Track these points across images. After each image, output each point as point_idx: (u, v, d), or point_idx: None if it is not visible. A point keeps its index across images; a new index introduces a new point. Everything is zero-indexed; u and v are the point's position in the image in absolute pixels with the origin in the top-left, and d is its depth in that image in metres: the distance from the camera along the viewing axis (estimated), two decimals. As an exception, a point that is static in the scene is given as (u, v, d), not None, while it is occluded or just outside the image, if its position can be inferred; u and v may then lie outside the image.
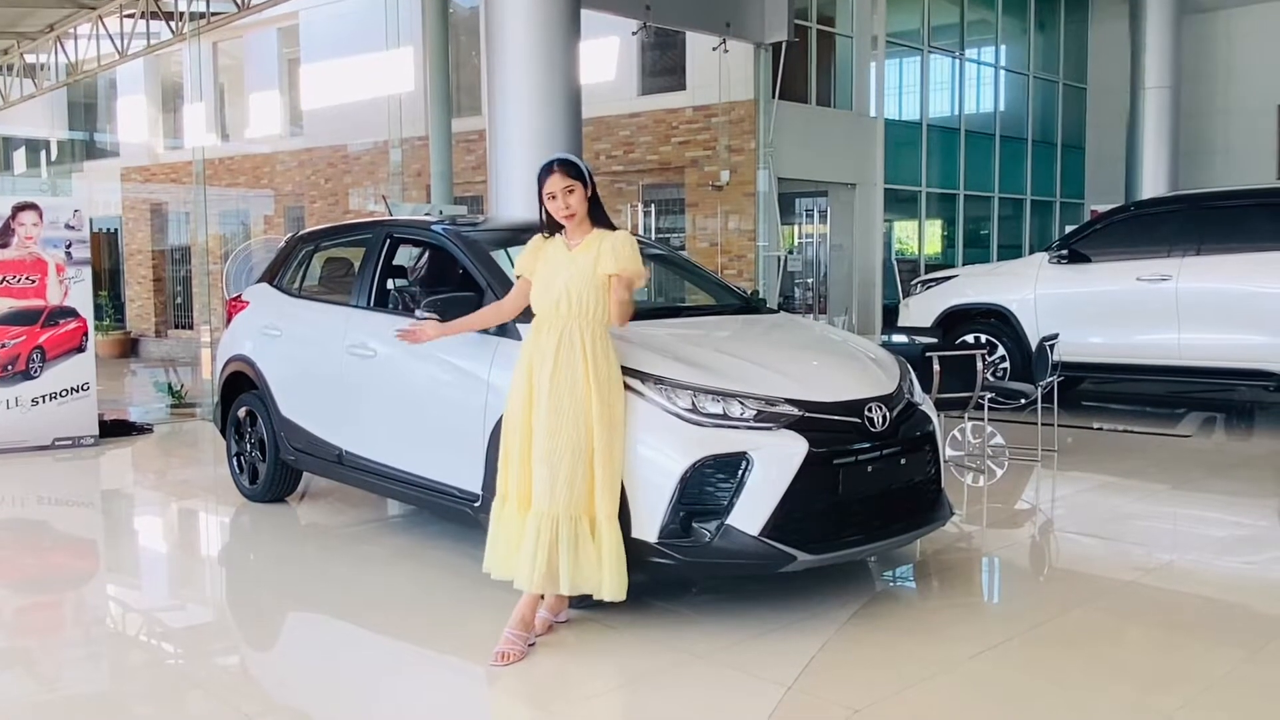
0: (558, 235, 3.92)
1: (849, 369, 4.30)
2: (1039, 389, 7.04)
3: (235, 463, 6.11)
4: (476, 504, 4.45)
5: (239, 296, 6.25)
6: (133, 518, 6.52)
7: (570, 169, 3.82)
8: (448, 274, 5.49)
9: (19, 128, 25.02)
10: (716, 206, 14.50)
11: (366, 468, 5.08)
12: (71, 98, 24.41)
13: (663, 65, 15.38)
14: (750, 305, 5.21)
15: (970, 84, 18.39)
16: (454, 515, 4.68)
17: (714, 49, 13.58)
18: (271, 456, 5.75)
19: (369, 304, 5.20)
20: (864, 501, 3.99)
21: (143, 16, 16.88)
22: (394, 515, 5.86)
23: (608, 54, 15.13)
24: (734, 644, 3.76)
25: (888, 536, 4.08)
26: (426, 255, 5.45)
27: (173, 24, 16.66)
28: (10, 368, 7.64)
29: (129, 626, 4.50)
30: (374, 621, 4.19)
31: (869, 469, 3.95)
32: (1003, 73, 18.92)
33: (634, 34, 14.10)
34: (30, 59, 20.85)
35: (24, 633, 4.36)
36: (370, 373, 5.01)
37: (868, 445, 3.97)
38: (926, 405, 4.43)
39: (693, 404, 3.82)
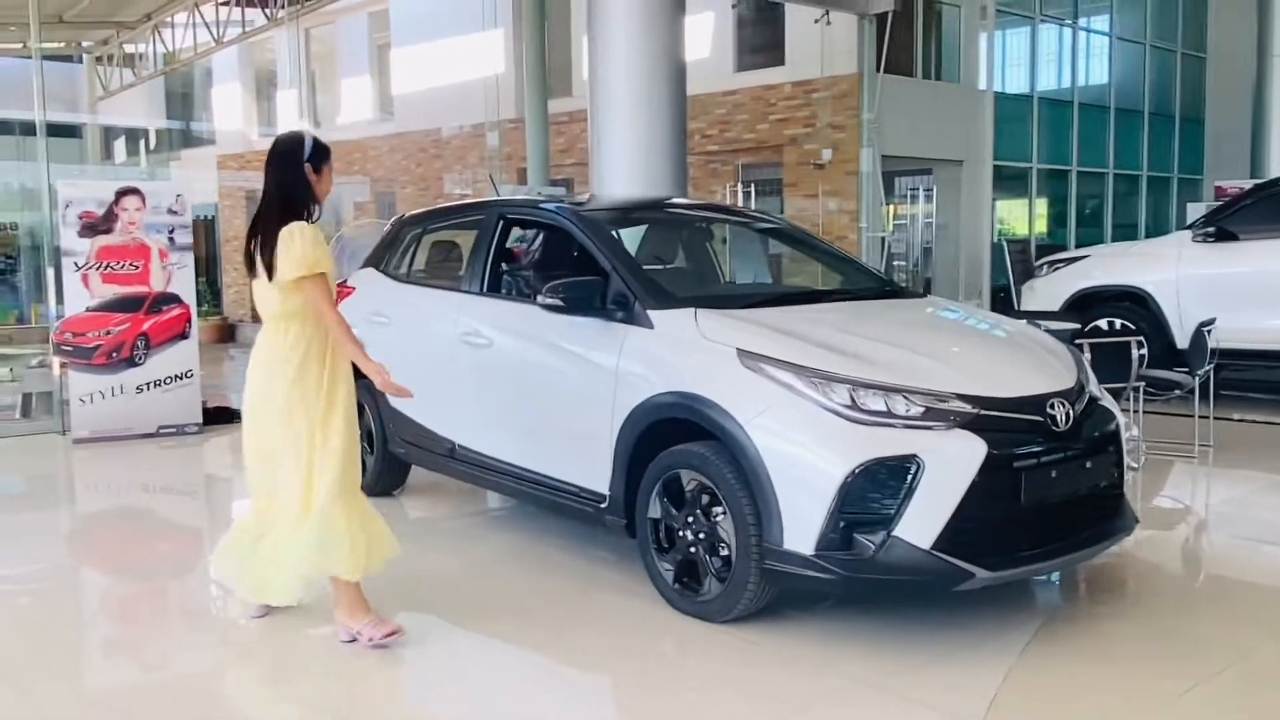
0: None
1: (1023, 360, 3.84)
2: (1196, 378, 6.45)
3: (341, 455, 5.87)
4: (603, 505, 4.11)
5: (344, 282, 6.00)
6: (237, 507, 6.35)
7: None
8: (563, 257, 5.15)
9: (119, 117, 25.52)
10: (817, 186, 13.95)
11: (481, 463, 4.78)
12: (169, 87, 24.80)
13: (760, 40, 14.85)
14: (893, 288, 4.77)
15: (1083, 54, 17.46)
16: (576, 515, 4.34)
17: (816, 21, 13.03)
18: (379, 449, 5.50)
19: (482, 289, 4.88)
20: (1046, 510, 3.54)
21: (237, 4, 16.96)
22: (495, 509, 5.59)
23: (703, 30, 14.67)
24: (901, 669, 3.35)
25: (1073, 550, 3.62)
26: (541, 237, 5.12)
27: (267, 10, 16.68)
28: (115, 355, 7.56)
29: (234, 616, 4.26)
30: (496, 629, 3.88)
31: (1053, 473, 3.50)
32: (1117, 42, 17.92)
33: (734, 7, 13.61)
34: (129, 49, 21.21)
35: (130, 621, 4.25)
36: (485, 363, 4.70)
37: (1051, 446, 3.51)
38: (1106, 400, 3.95)
39: (851, 399, 3.41)
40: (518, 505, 5.47)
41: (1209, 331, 6.59)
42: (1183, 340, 8.23)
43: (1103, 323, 8.74)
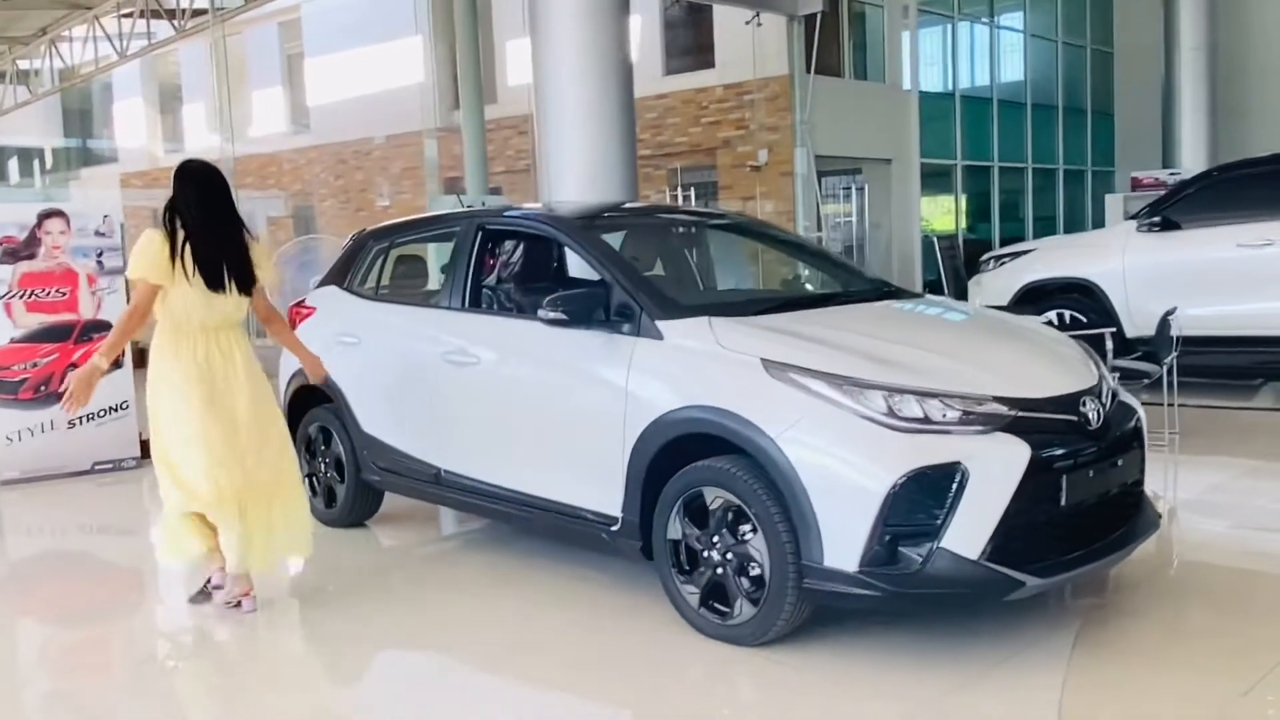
0: None
1: (1045, 358, 3.76)
2: (1163, 366, 6.51)
3: (308, 484, 5.53)
4: (615, 528, 3.91)
5: (302, 302, 5.67)
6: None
7: None
8: (543, 267, 4.95)
9: (12, 137, 24.33)
10: (752, 188, 13.93)
11: (471, 488, 4.53)
12: (66, 104, 23.75)
13: (688, 43, 14.78)
14: (890, 289, 4.66)
15: (999, 52, 17.81)
16: (583, 540, 4.12)
17: (747, 23, 13.00)
18: (352, 477, 5.19)
19: (464, 304, 4.62)
20: (1084, 512, 3.45)
21: (141, 15, 16.25)
22: (469, 531, 5.36)
23: (630, 33, 14.51)
24: (955, 687, 3.22)
25: (1111, 551, 3.53)
26: (521, 248, 4.89)
27: (175, 21, 16.01)
28: (43, 388, 7.06)
29: (189, 664, 4.00)
30: (501, 664, 3.65)
31: (1090, 473, 3.42)
32: (1030, 39, 18.32)
33: (668, 8, 13.52)
34: (24, 65, 20.21)
35: (71, 673, 3.93)
36: (473, 382, 4.45)
37: (1085, 446, 3.43)
38: (1125, 395, 3.89)
39: (888, 407, 3.28)
40: (491, 526, 5.24)
41: (1172, 319, 6.66)
42: (1131, 330, 8.34)
43: (1052, 315, 8.82)
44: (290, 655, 4.11)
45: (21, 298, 6.99)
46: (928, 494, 3.18)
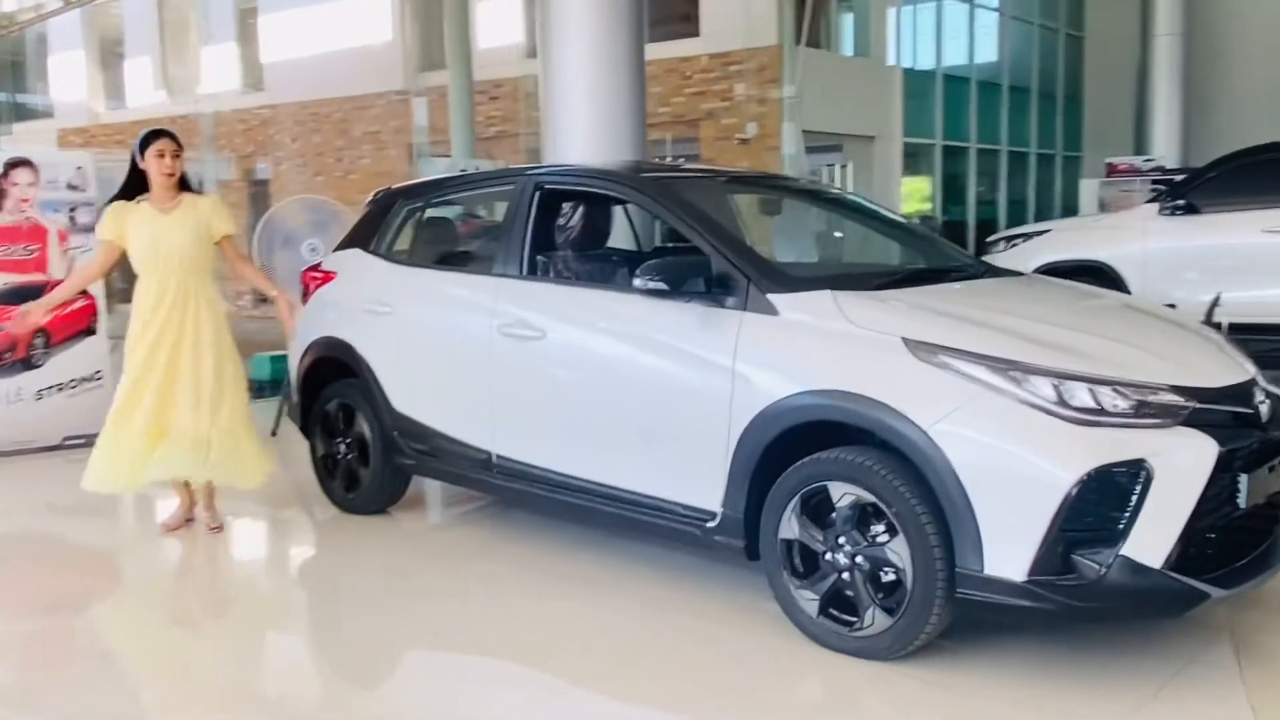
0: (141, 201, 4.46)
1: (1203, 345, 3.42)
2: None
3: (323, 466, 5.02)
4: (711, 524, 3.49)
5: (318, 265, 5.13)
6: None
7: (177, 139, 4.47)
8: (605, 231, 4.49)
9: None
10: (737, 162, 13.51)
11: (530, 476, 4.06)
12: (-5, 54, 22.39)
13: (671, 11, 14.27)
14: (989, 267, 4.29)
15: (978, 32, 17.60)
16: (672, 536, 3.70)
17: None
18: (378, 460, 4.68)
19: (522, 272, 4.15)
20: (1256, 514, 3.12)
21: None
22: (491, 513, 4.92)
23: None
24: (1136, 705, 2.87)
25: (1277, 556, 3.21)
26: (581, 210, 4.42)
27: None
28: (8, 355, 6.40)
29: (168, 659, 3.57)
30: (581, 678, 3.22)
31: (1268, 471, 3.09)
32: (1010, 20, 18.15)
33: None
34: (-47, 10, 18.94)
35: (34, 665, 3.51)
36: (537, 359, 3.98)
37: (1260, 441, 3.10)
38: (1272, 386, 3.58)
39: (1058, 395, 2.90)
40: (502, 511, 4.83)
41: (1216, 306, 6.45)
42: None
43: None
44: (302, 659, 3.64)
45: (-15, 255, 6.32)
46: (1110, 495, 2.82)
